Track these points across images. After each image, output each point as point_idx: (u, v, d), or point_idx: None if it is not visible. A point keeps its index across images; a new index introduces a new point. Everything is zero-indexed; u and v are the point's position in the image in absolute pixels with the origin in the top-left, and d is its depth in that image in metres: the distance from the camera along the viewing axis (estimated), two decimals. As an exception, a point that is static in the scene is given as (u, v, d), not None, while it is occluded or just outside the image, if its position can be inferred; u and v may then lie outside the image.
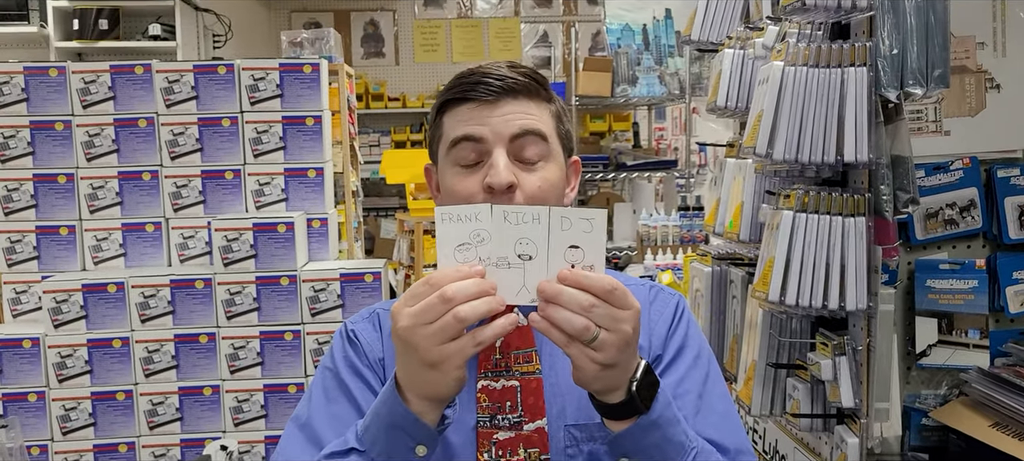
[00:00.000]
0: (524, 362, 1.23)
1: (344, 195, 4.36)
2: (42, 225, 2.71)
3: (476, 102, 1.22)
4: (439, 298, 0.99)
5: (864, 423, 1.71)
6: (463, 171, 1.23)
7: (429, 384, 1.03)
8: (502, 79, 1.22)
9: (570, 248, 1.02)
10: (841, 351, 1.71)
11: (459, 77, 1.26)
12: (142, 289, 2.60)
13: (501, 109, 1.21)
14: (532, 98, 1.24)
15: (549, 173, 1.23)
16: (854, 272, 1.66)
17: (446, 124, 1.26)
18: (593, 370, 1.01)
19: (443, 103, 1.27)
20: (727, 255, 2.25)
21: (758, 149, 1.69)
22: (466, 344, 0.99)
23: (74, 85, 2.69)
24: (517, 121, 1.21)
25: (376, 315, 1.33)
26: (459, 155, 1.23)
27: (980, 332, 1.97)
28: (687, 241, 4.63)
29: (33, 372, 2.57)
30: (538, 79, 1.26)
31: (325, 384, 1.28)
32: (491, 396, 1.22)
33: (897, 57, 1.62)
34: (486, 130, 1.21)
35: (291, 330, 2.63)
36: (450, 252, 1.03)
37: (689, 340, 1.29)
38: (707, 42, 2.25)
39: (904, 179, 1.67)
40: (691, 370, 1.26)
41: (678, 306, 1.32)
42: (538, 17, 8.84)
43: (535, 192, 1.20)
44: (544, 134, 1.23)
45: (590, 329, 0.99)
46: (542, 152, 1.23)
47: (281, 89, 2.74)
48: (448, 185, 1.25)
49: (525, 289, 1.02)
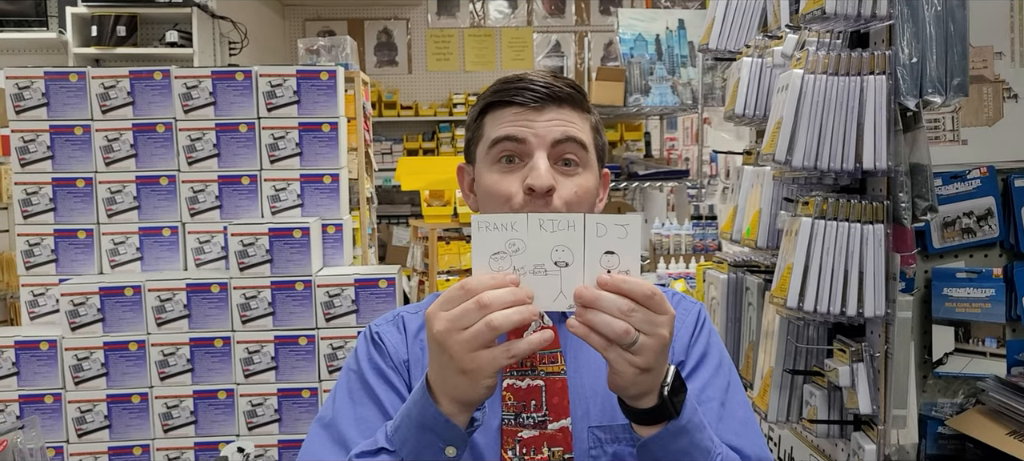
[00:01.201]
0: (549, 362, 1.24)
1: (359, 201, 4.38)
2: (60, 228, 2.73)
3: (521, 106, 1.24)
4: (475, 304, 1.00)
5: (882, 430, 1.71)
6: (503, 170, 1.24)
7: (460, 389, 1.04)
8: (548, 87, 1.24)
9: (606, 254, 1.03)
10: (859, 358, 1.71)
11: (504, 81, 1.29)
12: (158, 293, 2.61)
13: (545, 115, 1.24)
14: (574, 108, 1.27)
15: (585, 181, 1.25)
16: (872, 279, 1.66)
17: (488, 125, 1.28)
18: (631, 374, 1.02)
19: (486, 105, 1.29)
20: (743, 262, 2.25)
21: (777, 156, 1.69)
22: (499, 355, 1.00)
23: (94, 90, 2.72)
24: (560, 128, 1.23)
25: (400, 318, 1.34)
26: (499, 155, 1.25)
27: (997, 341, 1.96)
28: (700, 250, 4.62)
29: (50, 374, 2.59)
30: (580, 91, 1.29)
31: (350, 385, 1.29)
32: (516, 395, 1.23)
33: (916, 65, 1.63)
34: (529, 133, 1.23)
35: (305, 335, 2.65)
36: (486, 260, 1.04)
37: (711, 348, 1.30)
38: (725, 51, 2.25)
39: (923, 187, 1.67)
40: (713, 377, 1.27)
41: (700, 314, 1.33)
42: (551, 27, 8.86)
43: (571, 198, 1.22)
44: (584, 143, 1.25)
45: (630, 333, 1.00)
46: (581, 160, 1.25)
47: (298, 96, 2.76)
48: (486, 183, 1.26)
49: (562, 296, 1.03)
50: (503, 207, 1.23)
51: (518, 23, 8.86)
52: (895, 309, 1.69)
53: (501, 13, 8.87)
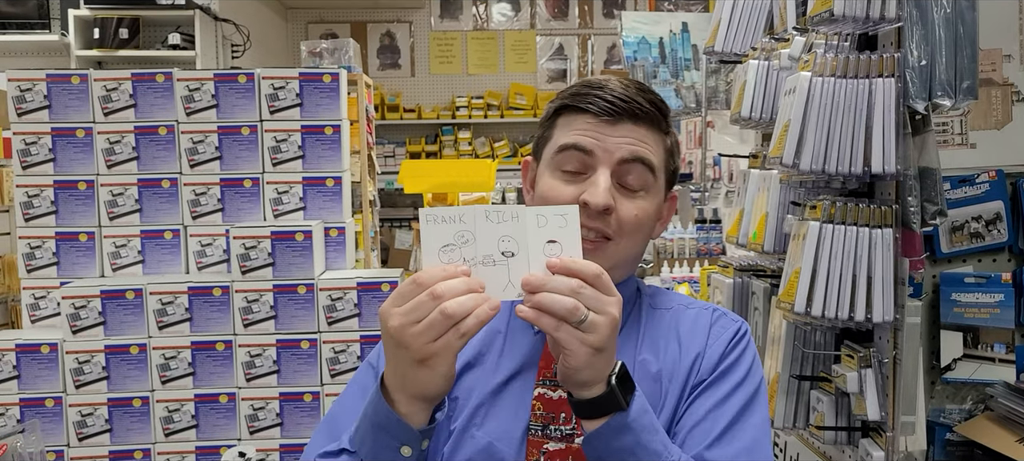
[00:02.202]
0: None
1: (361, 204, 4.37)
2: (62, 231, 2.72)
3: (595, 116, 1.20)
4: (429, 296, 0.99)
5: (890, 437, 1.69)
6: (563, 178, 1.21)
7: (419, 382, 1.03)
8: (627, 100, 1.20)
9: (549, 243, 1.04)
10: (867, 363, 1.69)
11: (585, 84, 1.24)
12: (160, 296, 2.60)
13: (618, 130, 1.20)
14: (651, 127, 1.22)
15: (647, 205, 1.22)
16: (881, 284, 1.64)
17: (558, 128, 1.24)
18: (584, 353, 1.00)
19: (561, 106, 1.26)
20: (748, 266, 2.24)
21: (784, 159, 1.67)
22: (452, 338, 0.99)
23: (96, 93, 2.71)
24: (630, 147, 1.20)
25: None
26: (563, 162, 1.21)
27: (1006, 346, 1.94)
28: (703, 254, 4.61)
29: (51, 377, 2.58)
30: (661, 109, 1.24)
31: (364, 379, 1.27)
32: (546, 405, 1.20)
33: (925, 68, 1.61)
34: (597, 146, 1.19)
35: (307, 339, 2.63)
36: (435, 253, 1.04)
37: (738, 366, 1.23)
38: (730, 53, 2.24)
39: (932, 191, 1.66)
40: (731, 396, 1.20)
41: (738, 331, 1.27)
42: (554, 30, 8.85)
43: (629, 221, 1.20)
44: (653, 166, 1.21)
45: (579, 309, 0.99)
46: (646, 183, 1.21)
47: (300, 98, 2.75)
48: (543, 188, 1.23)
49: (511, 285, 1.04)
50: None
51: (521, 26, 8.85)
52: (904, 314, 1.67)
53: (504, 16, 8.86)
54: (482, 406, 1.21)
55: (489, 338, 1.27)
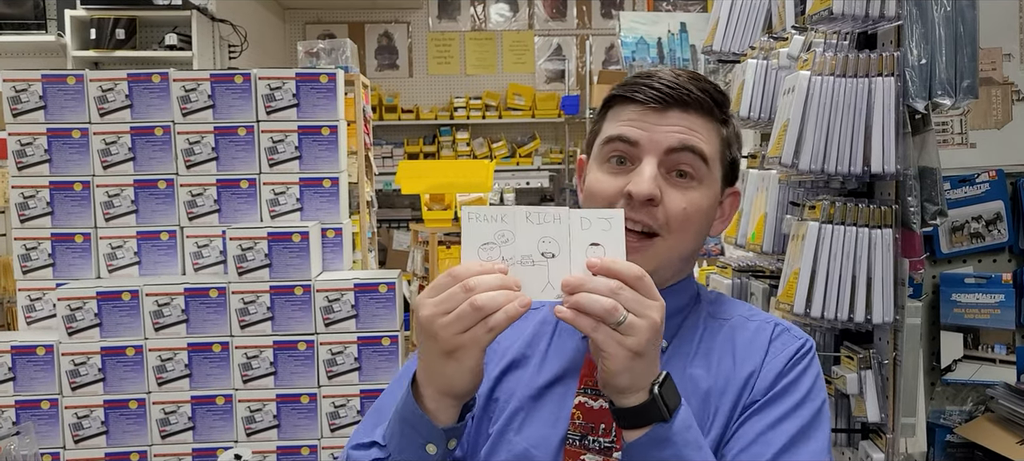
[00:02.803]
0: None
1: (359, 205, 4.36)
2: (57, 232, 2.70)
3: (642, 105, 1.16)
4: (461, 288, 0.98)
5: (890, 438, 1.68)
6: (610, 170, 1.17)
7: (446, 376, 1.02)
8: (675, 88, 1.15)
9: (591, 246, 1.02)
10: (867, 365, 1.68)
11: (635, 75, 1.20)
12: (156, 297, 2.59)
13: (667, 118, 1.14)
14: (703, 115, 1.16)
15: (700, 197, 1.15)
16: (881, 285, 1.63)
17: (607, 121, 1.21)
18: (623, 356, 0.97)
19: (610, 98, 1.21)
20: (747, 267, 2.23)
21: (783, 159, 1.66)
22: (479, 332, 0.98)
23: (91, 93, 2.69)
24: (677, 135, 1.14)
25: None
26: (610, 153, 1.17)
27: (1007, 347, 1.93)
28: (702, 254, 4.60)
29: (46, 379, 2.56)
30: (716, 97, 1.18)
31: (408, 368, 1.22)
32: (586, 415, 1.16)
33: (925, 67, 1.60)
34: (643, 135, 1.14)
35: (305, 340, 2.62)
36: (474, 250, 1.04)
37: (797, 386, 1.14)
38: (729, 53, 2.23)
39: (932, 191, 1.65)
40: (785, 420, 1.11)
41: (801, 349, 1.17)
42: (552, 30, 8.85)
43: (678, 213, 1.14)
44: (704, 155, 1.15)
45: (618, 310, 0.96)
46: (697, 173, 1.15)
47: (297, 99, 2.73)
48: (591, 181, 1.19)
49: (550, 286, 1.02)
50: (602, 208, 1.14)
51: (519, 26, 8.84)
52: (904, 315, 1.66)
53: (502, 16, 8.85)
54: (521, 410, 1.18)
55: (535, 340, 1.24)
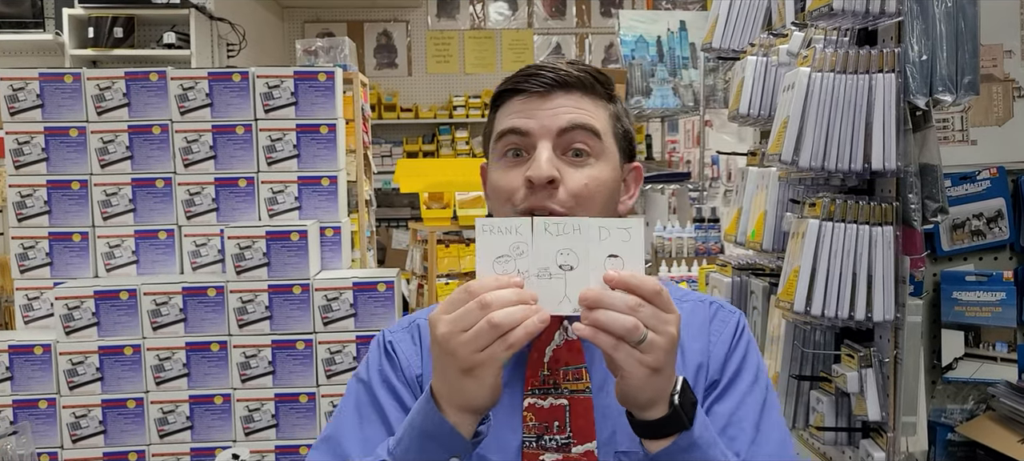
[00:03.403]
0: (574, 379, 1.16)
1: (357, 204, 4.35)
2: (55, 231, 2.70)
3: (527, 94, 1.17)
4: (477, 304, 0.97)
5: (891, 437, 1.67)
6: (507, 164, 1.18)
7: (465, 393, 1.00)
8: (555, 71, 1.17)
9: (610, 257, 1.01)
10: (868, 363, 1.67)
11: (518, 71, 1.21)
12: (154, 296, 2.58)
13: (552, 101, 1.16)
14: (587, 94, 1.19)
15: (598, 172, 1.17)
16: (881, 282, 1.63)
17: (498, 118, 1.22)
18: (642, 374, 0.97)
19: (497, 96, 1.23)
20: (747, 265, 2.22)
21: (783, 156, 1.65)
22: (498, 349, 0.96)
23: (89, 92, 2.68)
24: (566, 115, 1.16)
25: (416, 326, 1.27)
26: (505, 148, 1.18)
27: (1008, 345, 1.92)
28: (702, 253, 4.59)
29: (44, 379, 2.55)
30: (597, 76, 1.20)
31: (358, 399, 1.22)
32: (538, 415, 1.15)
33: (926, 63, 1.59)
34: (533, 123, 1.16)
35: (303, 339, 2.61)
36: (489, 264, 1.02)
37: (747, 362, 1.22)
38: (728, 50, 2.22)
39: (933, 188, 1.64)
40: (748, 395, 1.19)
41: (738, 325, 1.25)
42: (551, 29, 8.84)
43: (580, 190, 1.15)
44: (595, 130, 1.17)
45: (639, 329, 0.96)
46: (593, 149, 1.17)
47: (296, 97, 2.72)
48: (492, 179, 1.20)
49: (567, 299, 1.00)
50: (506, 204, 1.16)
51: (518, 25, 8.83)
52: (905, 313, 1.65)
53: (501, 15, 8.84)
54: None
55: None
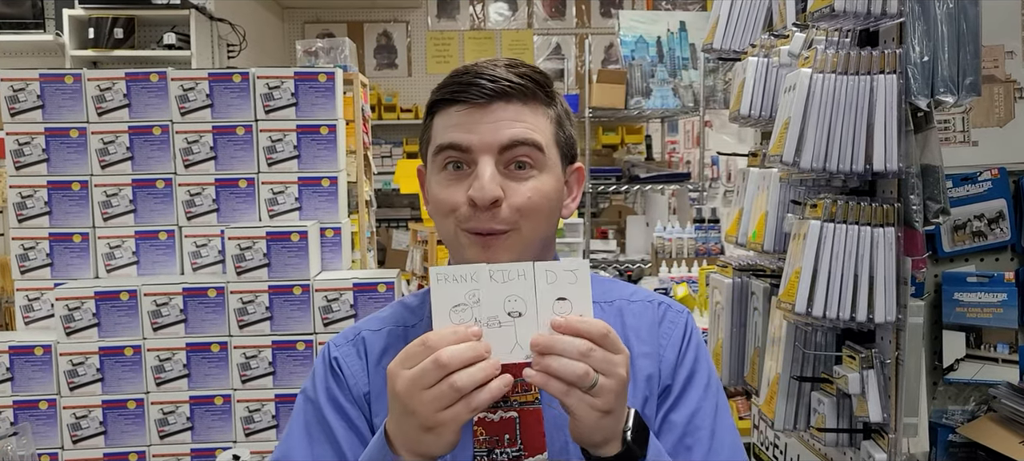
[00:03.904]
0: (522, 390, 1.16)
1: (358, 204, 4.34)
2: (55, 232, 2.70)
3: (466, 105, 1.13)
4: (433, 363, 0.95)
5: (893, 438, 1.67)
6: (449, 179, 1.15)
7: (423, 444, 0.99)
8: (495, 80, 1.13)
9: (558, 301, 1.00)
10: (869, 364, 1.67)
11: (453, 74, 1.17)
12: (154, 297, 2.58)
13: (492, 114, 1.12)
14: (528, 102, 1.15)
15: (542, 184, 1.14)
16: (883, 283, 1.62)
17: (436, 126, 1.17)
18: (594, 418, 0.97)
19: (433, 103, 1.18)
20: (748, 266, 2.21)
21: (785, 157, 1.65)
22: (461, 410, 0.95)
23: (89, 92, 2.68)
24: (507, 131, 1.12)
25: (361, 339, 1.24)
26: (445, 161, 1.15)
27: (1009, 346, 1.92)
28: (702, 254, 4.59)
29: (44, 380, 2.55)
30: (537, 79, 1.17)
31: (306, 419, 1.20)
32: (488, 429, 1.15)
33: (928, 64, 1.59)
34: (474, 138, 1.12)
35: (303, 340, 2.61)
36: (446, 313, 1.00)
37: (699, 366, 1.22)
38: (729, 51, 2.21)
39: (934, 189, 1.64)
40: (703, 402, 1.19)
41: (687, 327, 1.24)
42: (551, 29, 8.83)
43: (524, 204, 1.12)
44: (538, 144, 1.14)
45: (589, 375, 0.95)
46: (535, 162, 1.14)
47: (296, 98, 2.73)
48: (433, 192, 1.17)
49: (518, 346, 0.99)
50: (448, 217, 1.14)
51: (518, 25, 8.83)
52: (906, 314, 1.65)
53: (501, 15, 8.84)
54: None
55: None
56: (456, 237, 1.15)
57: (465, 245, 1.14)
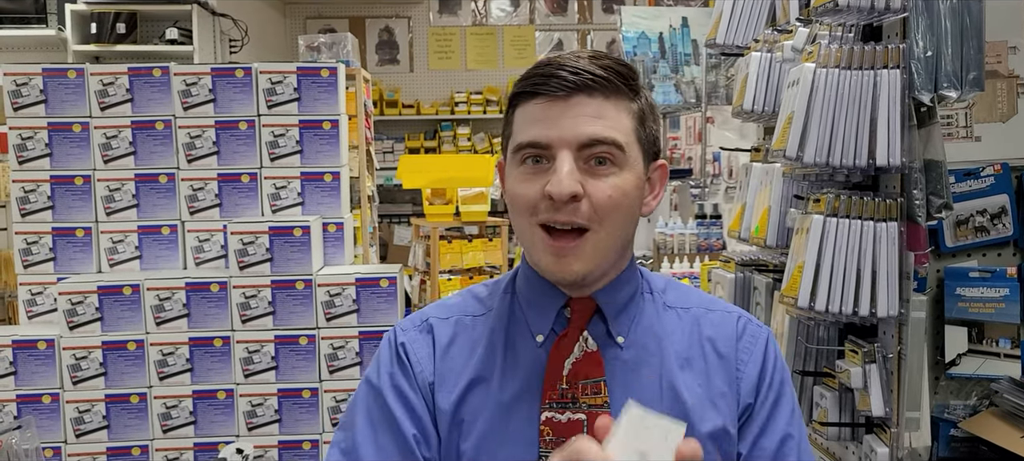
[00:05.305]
0: (592, 393, 1.13)
1: (360, 200, 4.35)
2: (58, 227, 2.70)
3: (547, 98, 1.11)
4: None
5: (895, 433, 1.67)
6: (528, 173, 1.12)
7: None
8: (577, 73, 1.10)
9: None
10: (871, 359, 1.67)
11: (535, 66, 1.14)
12: (157, 292, 2.58)
13: (573, 109, 1.10)
14: (610, 97, 1.12)
15: (622, 181, 1.11)
16: (886, 278, 1.63)
17: (517, 121, 1.15)
18: None
19: (515, 96, 1.16)
20: (750, 261, 2.22)
21: (788, 152, 1.65)
22: None
23: (92, 87, 2.68)
24: (587, 128, 1.10)
25: (429, 326, 1.22)
26: (524, 156, 1.13)
27: (1011, 341, 1.92)
28: (704, 249, 4.59)
29: (48, 374, 2.56)
30: (622, 72, 1.13)
31: (369, 407, 1.18)
32: (556, 430, 1.12)
33: (931, 59, 1.59)
34: (553, 134, 1.10)
35: (306, 334, 2.61)
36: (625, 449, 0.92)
37: (785, 387, 1.18)
38: (732, 46, 2.22)
39: (937, 184, 1.64)
40: (790, 427, 1.15)
41: (768, 343, 1.19)
42: (553, 25, 8.83)
43: (604, 202, 1.10)
44: (618, 142, 1.11)
45: None
46: (615, 159, 1.11)
47: (298, 93, 2.73)
48: (510, 187, 1.15)
49: None
50: (525, 215, 1.12)
51: (520, 21, 8.82)
52: (909, 309, 1.65)
53: (503, 11, 8.83)
54: (491, 431, 1.14)
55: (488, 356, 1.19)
56: (532, 235, 1.13)
57: (540, 249, 1.12)
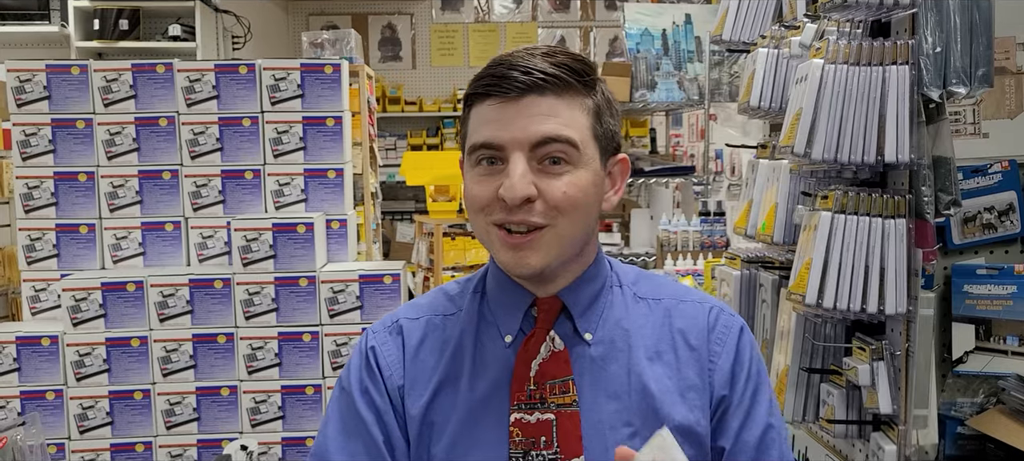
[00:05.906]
0: (560, 393, 1.13)
1: (363, 196, 4.34)
2: (62, 223, 2.69)
3: (499, 99, 1.10)
4: None
5: (902, 430, 1.67)
6: (482, 175, 1.12)
7: None
8: (528, 73, 1.09)
9: None
10: (879, 356, 1.67)
11: (488, 65, 1.13)
12: (161, 288, 2.57)
13: (525, 109, 1.09)
14: (563, 94, 1.10)
15: (577, 179, 1.11)
16: (894, 275, 1.62)
17: (471, 122, 1.15)
18: None
19: (468, 96, 1.16)
20: (756, 258, 2.21)
21: (796, 149, 1.65)
22: None
23: (96, 83, 2.68)
24: (539, 127, 1.09)
25: (399, 327, 1.22)
26: (479, 157, 1.13)
27: (1019, 339, 1.91)
28: (707, 247, 4.58)
29: (51, 370, 2.55)
30: (576, 69, 1.12)
31: (342, 411, 1.20)
32: (525, 430, 1.12)
33: (940, 55, 1.58)
34: (504, 135, 1.09)
35: (309, 331, 2.61)
36: None
37: (762, 378, 1.18)
38: (739, 42, 2.21)
39: (946, 180, 1.63)
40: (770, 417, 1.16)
41: (742, 333, 1.19)
42: (556, 22, 8.82)
43: (559, 200, 1.09)
44: (571, 140, 1.10)
45: None
46: (570, 157, 1.10)
47: (302, 89, 2.72)
48: (466, 187, 1.15)
49: None
50: (480, 216, 1.12)
51: (523, 18, 8.81)
52: (917, 306, 1.64)
53: (506, 8, 8.82)
54: (461, 434, 1.15)
55: (457, 356, 1.19)
56: (488, 234, 1.13)
57: (497, 245, 1.13)
